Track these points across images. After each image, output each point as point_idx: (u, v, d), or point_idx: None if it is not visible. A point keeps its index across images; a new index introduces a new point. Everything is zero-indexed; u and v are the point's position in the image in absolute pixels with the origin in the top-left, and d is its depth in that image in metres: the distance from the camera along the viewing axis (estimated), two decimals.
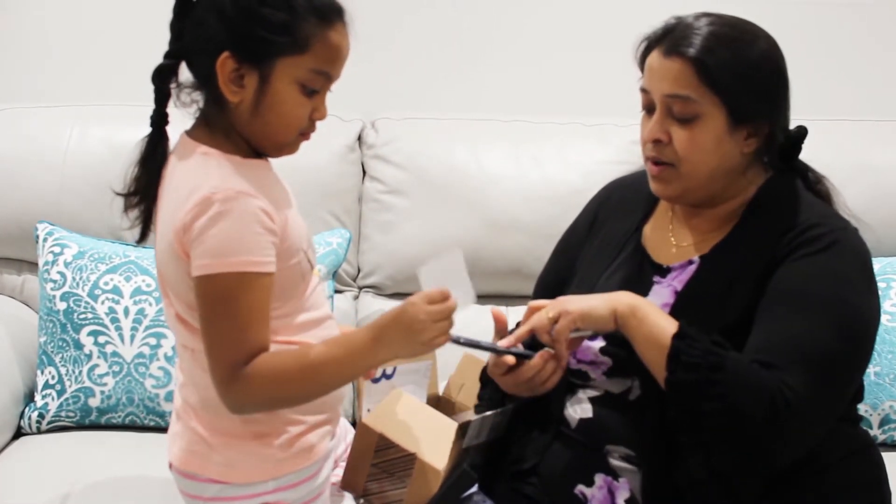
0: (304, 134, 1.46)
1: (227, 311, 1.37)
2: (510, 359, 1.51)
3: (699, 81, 1.47)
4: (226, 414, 1.43)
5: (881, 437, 2.11)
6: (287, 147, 1.47)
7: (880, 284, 2.16)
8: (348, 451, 1.66)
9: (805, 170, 1.61)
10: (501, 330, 1.58)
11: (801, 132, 1.59)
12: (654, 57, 1.51)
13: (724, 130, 1.48)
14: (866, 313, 1.48)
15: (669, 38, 1.50)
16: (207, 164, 1.40)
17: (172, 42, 1.43)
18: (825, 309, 1.43)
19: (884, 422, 2.11)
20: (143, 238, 1.49)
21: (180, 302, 1.44)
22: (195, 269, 1.37)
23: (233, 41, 1.37)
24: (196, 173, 1.40)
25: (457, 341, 1.45)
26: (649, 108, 1.53)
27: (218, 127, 1.43)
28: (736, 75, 1.47)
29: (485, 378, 1.70)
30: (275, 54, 1.39)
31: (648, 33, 1.54)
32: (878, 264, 2.20)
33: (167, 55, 1.43)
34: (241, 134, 1.43)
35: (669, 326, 1.44)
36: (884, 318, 2.11)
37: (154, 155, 1.44)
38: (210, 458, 1.48)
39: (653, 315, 1.46)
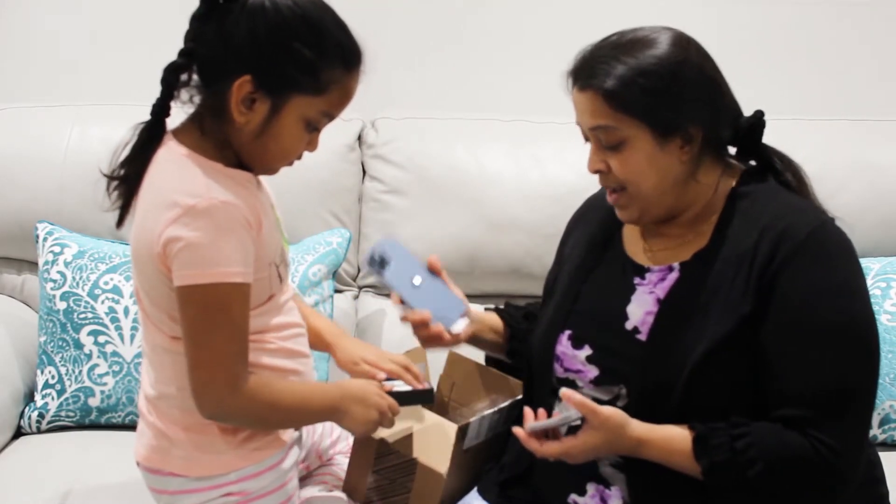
0: (291, 162, 1.47)
1: (225, 321, 1.37)
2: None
3: (612, 109, 1.46)
4: (183, 407, 1.45)
5: (881, 437, 2.11)
6: (272, 170, 1.47)
7: (880, 284, 2.16)
8: (349, 453, 1.66)
9: (771, 158, 1.58)
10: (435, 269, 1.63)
11: (757, 116, 1.55)
12: (574, 92, 1.52)
13: (654, 147, 1.47)
14: (871, 315, 1.46)
15: (580, 72, 1.50)
16: (191, 170, 1.38)
17: (190, 40, 1.39)
18: (840, 335, 1.42)
19: (884, 421, 2.11)
20: (120, 223, 1.46)
21: (150, 303, 1.44)
22: (182, 279, 1.36)
23: (257, 67, 1.36)
24: (179, 177, 1.38)
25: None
26: (586, 138, 1.54)
27: (212, 135, 1.41)
28: (645, 93, 1.45)
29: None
30: (293, 90, 1.38)
31: (568, 67, 1.53)
32: (877, 264, 2.20)
33: (183, 53, 1.39)
34: (235, 149, 1.42)
35: (681, 430, 1.44)
36: (884, 318, 2.11)
37: (149, 143, 1.42)
38: (171, 452, 1.49)
39: (658, 430, 1.45)
